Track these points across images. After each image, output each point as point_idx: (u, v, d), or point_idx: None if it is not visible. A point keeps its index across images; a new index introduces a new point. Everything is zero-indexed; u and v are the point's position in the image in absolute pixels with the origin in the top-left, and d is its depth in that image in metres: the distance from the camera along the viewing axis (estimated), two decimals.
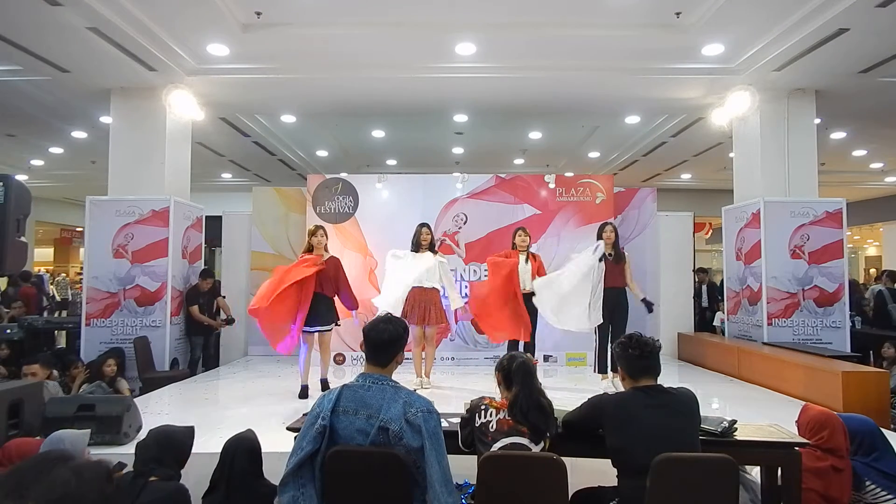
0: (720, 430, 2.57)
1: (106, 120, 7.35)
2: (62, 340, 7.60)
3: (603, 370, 5.56)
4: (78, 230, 15.96)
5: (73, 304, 11.32)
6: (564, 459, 2.20)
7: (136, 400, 4.09)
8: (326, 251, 5.36)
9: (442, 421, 2.15)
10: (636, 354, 2.37)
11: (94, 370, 5.33)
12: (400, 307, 5.40)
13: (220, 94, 7.11)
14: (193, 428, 2.61)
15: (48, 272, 13.96)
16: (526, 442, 2.32)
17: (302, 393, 5.14)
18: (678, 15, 5.33)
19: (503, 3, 5.18)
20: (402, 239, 5.89)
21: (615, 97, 7.45)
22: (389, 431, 2.00)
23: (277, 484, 2.07)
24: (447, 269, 5.76)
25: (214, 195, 12.13)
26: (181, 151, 7.26)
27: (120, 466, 2.55)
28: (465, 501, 2.86)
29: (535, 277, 5.47)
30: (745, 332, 6.95)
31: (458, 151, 10.75)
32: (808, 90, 6.86)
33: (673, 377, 6.10)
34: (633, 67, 6.43)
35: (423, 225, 5.73)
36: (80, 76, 6.44)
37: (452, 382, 5.94)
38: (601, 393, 2.56)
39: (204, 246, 7.66)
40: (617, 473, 2.33)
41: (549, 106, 7.79)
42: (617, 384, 5.54)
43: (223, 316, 7.21)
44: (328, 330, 5.26)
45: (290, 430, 2.61)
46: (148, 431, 2.54)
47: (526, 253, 5.60)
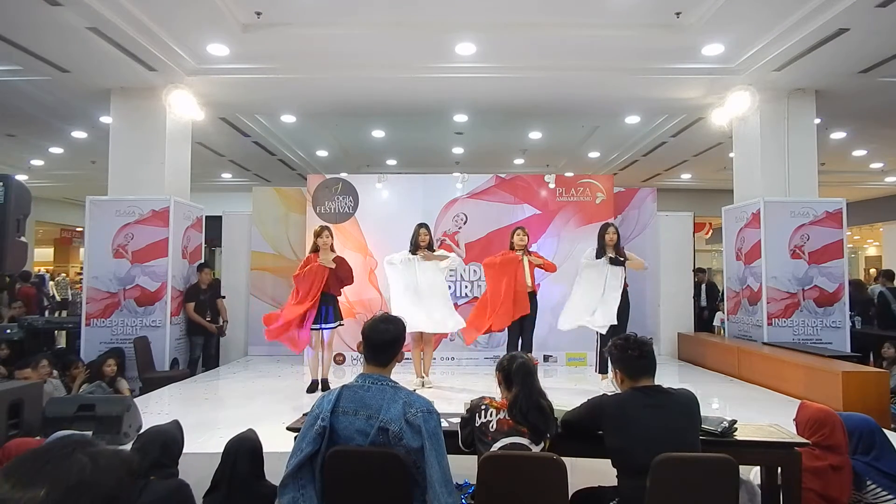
0: (720, 430, 2.57)
1: (106, 120, 7.35)
2: (62, 340, 7.60)
3: (604, 370, 5.56)
4: (78, 230, 15.95)
5: (73, 304, 11.32)
6: (564, 459, 2.20)
7: (136, 400, 4.10)
8: (332, 251, 5.42)
9: (442, 421, 2.15)
10: (635, 355, 2.37)
11: (94, 370, 5.35)
12: (419, 316, 5.41)
13: (220, 94, 7.11)
14: (178, 420, 2.63)
15: (48, 272, 13.95)
16: (526, 442, 2.32)
17: (312, 387, 5.25)
18: (678, 15, 5.33)
19: (503, 3, 5.18)
20: (402, 239, 5.88)
21: (615, 97, 7.45)
22: (389, 432, 2.00)
23: (277, 485, 2.07)
24: (446, 267, 5.73)
25: (214, 195, 12.13)
26: (181, 151, 7.26)
27: None
28: (465, 501, 2.86)
29: (531, 274, 5.50)
30: (745, 332, 6.95)
31: (458, 151, 10.74)
32: (808, 90, 6.86)
33: (673, 377, 6.10)
34: (633, 67, 6.43)
35: (421, 225, 5.73)
36: (80, 76, 6.44)
37: (452, 382, 5.94)
38: (601, 394, 2.56)
39: (204, 246, 7.66)
40: (617, 473, 2.33)
41: (549, 106, 7.78)
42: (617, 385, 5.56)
43: (220, 322, 7.20)
44: (334, 328, 5.36)
45: (290, 430, 2.61)
46: (138, 436, 2.55)
47: (522, 251, 5.60)
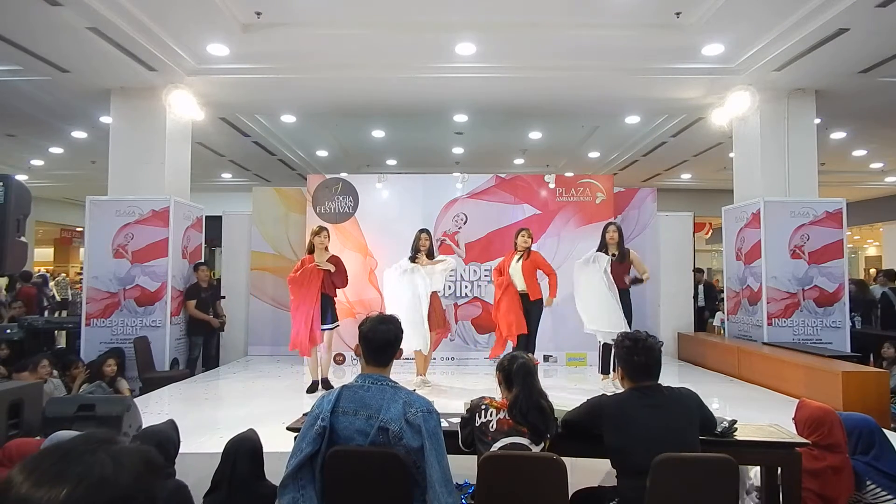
0: (720, 430, 2.57)
1: (106, 120, 7.35)
2: (62, 340, 7.60)
3: (605, 371, 5.56)
4: (78, 230, 15.95)
5: (73, 304, 11.30)
6: (564, 459, 2.20)
7: (136, 400, 4.08)
8: (326, 251, 5.42)
9: (442, 421, 2.15)
10: (640, 361, 2.37)
11: (94, 370, 5.35)
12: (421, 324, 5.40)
13: (220, 94, 7.11)
14: (173, 420, 2.63)
15: (48, 272, 13.94)
16: (526, 442, 2.32)
17: (312, 388, 5.27)
18: (678, 15, 5.33)
19: (503, 3, 5.18)
20: (402, 239, 5.88)
21: (615, 97, 7.45)
22: (389, 432, 2.00)
23: (278, 485, 2.06)
24: (443, 271, 5.68)
25: (214, 195, 12.13)
26: (181, 151, 7.25)
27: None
28: (465, 501, 2.86)
29: (528, 275, 5.47)
30: (745, 332, 6.95)
31: (458, 151, 10.74)
32: (808, 90, 6.86)
33: (673, 377, 6.09)
34: (633, 67, 6.43)
35: (423, 231, 5.71)
36: (80, 76, 6.44)
37: (452, 382, 5.94)
38: (600, 394, 2.56)
39: (204, 246, 7.66)
40: (616, 474, 2.33)
41: (549, 106, 7.78)
42: (617, 385, 5.56)
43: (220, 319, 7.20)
44: (332, 328, 5.38)
45: (290, 430, 2.61)
46: (133, 437, 2.54)
47: (521, 253, 5.59)
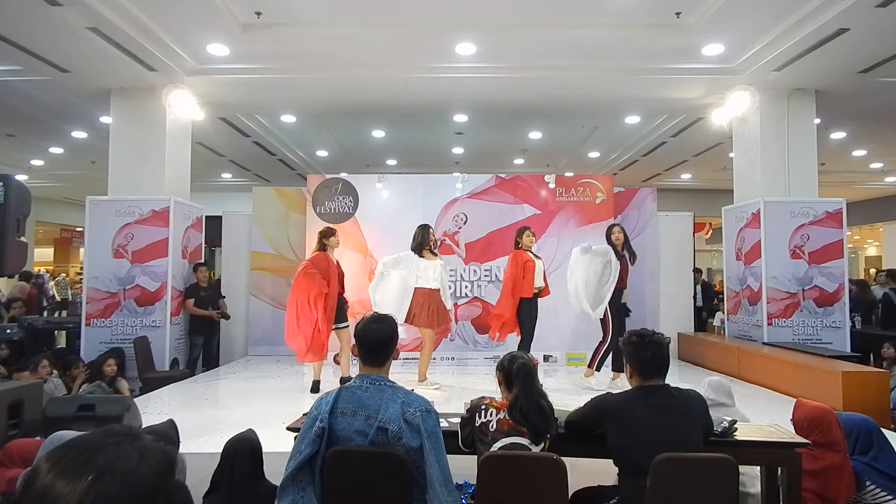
0: (720, 430, 2.57)
1: (106, 120, 7.35)
2: (62, 340, 7.60)
3: (596, 368, 5.60)
4: (78, 230, 15.94)
5: (73, 304, 11.30)
6: (564, 459, 2.20)
7: (136, 400, 4.09)
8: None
9: (441, 421, 2.15)
10: (649, 356, 2.36)
11: (94, 370, 5.35)
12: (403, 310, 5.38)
13: (220, 94, 7.11)
14: (172, 420, 2.62)
15: (48, 272, 13.94)
16: (526, 442, 2.31)
17: (315, 387, 5.29)
18: (678, 15, 5.33)
19: (503, 3, 5.18)
20: (402, 239, 5.88)
21: (615, 97, 7.45)
22: (388, 431, 2.00)
23: (278, 486, 2.06)
24: (446, 270, 5.78)
25: (214, 195, 12.14)
26: (181, 151, 7.25)
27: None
28: (465, 501, 2.86)
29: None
30: (745, 332, 6.95)
31: (458, 151, 10.74)
32: (808, 90, 6.85)
33: (673, 377, 6.00)
34: (633, 67, 6.42)
35: (428, 226, 5.68)
36: (80, 76, 6.44)
37: (452, 382, 5.94)
38: (604, 393, 2.56)
39: (204, 246, 7.66)
40: (618, 472, 2.33)
41: (549, 106, 7.78)
42: (588, 381, 5.54)
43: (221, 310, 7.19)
44: (344, 327, 5.45)
45: (290, 430, 2.61)
46: None
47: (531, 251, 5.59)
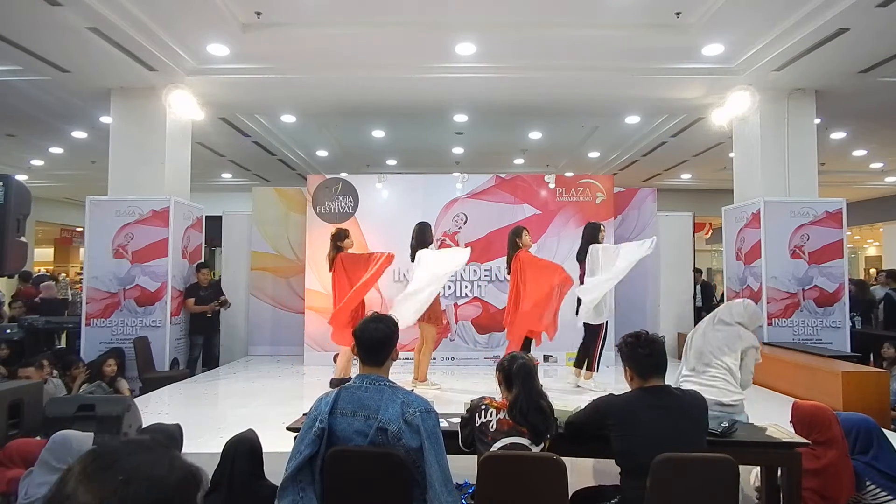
0: (720, 430, 2.57)
1: (106, 120, 7.35)
2: (62, 340, 7.60)
3: (580, 365, 5.57)
4: (78, 230, 15.93)
5: (73, 304, 11.29)
6: (564, 459, 2.20)
7: (136, 400, 4.09)
8: None
9: (442, 421, 2.15)
10: (645, 353, 2.36)
11: (94, 370, 5.35)
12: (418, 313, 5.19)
13: (220, 94, 7.11)
14: (179, 425, 2.62)
15: (48, 272, 13.93)
16: (526, 442, 2.32)
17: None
18: (678, 15, 5.33)
19: (503, 3, 5.18)
20: (402, 239, 5.88)
21: (615, 97, 7.44)
22: (388, 432, 2.00)
23: (278, 486, 2.06)
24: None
25: (214, 195, 12.13)
26: (181, 151, 7.25)
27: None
28: (465, 501, 2.86)
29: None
30: None
31: (458, 151, 10.74)
32: (808, 90, 6.85)
33: (673, 377, 6.07)
34: (633, 67, 6.42)
35: (427, 224, 5.66)
36: (80, 76, 6.44)
37: (452, 382, 5.94)
38: (606, 394, 2.56)
39: (204, 246, 7.66)
40: (620, 473, 2.33)
41: (549, 106, 7.78)
42: (587, 384, 5.43)
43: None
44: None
45: (290, 430, 2.61)
46: (142, 430, 2.54)
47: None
